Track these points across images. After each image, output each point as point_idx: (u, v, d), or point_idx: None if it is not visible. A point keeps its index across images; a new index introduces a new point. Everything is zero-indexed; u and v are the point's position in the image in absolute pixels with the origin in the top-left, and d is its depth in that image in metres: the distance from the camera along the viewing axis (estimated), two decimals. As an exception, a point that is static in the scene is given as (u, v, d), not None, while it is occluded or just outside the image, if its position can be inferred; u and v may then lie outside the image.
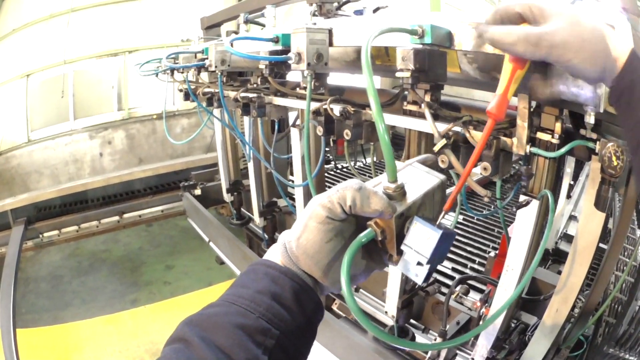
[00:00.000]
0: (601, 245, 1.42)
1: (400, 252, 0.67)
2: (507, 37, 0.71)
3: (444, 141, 1.05)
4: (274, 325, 0.60)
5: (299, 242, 0.65)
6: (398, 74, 1.16)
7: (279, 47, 1.67)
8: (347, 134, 1.58)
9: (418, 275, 0.66)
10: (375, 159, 1.79)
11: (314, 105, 1.62)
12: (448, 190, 0.77)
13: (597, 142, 1.08)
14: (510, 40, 0.71)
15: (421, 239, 0.65)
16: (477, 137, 1.18)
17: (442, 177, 0.75)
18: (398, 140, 4.90)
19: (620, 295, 2.40)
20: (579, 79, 0.75)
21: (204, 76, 2.82)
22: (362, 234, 0.64)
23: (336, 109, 1.56)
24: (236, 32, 2.68)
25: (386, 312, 1.90)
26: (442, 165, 1.19)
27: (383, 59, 1.48)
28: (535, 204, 1.31)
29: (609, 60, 0.71)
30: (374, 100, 0.65)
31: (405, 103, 1.42)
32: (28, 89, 6.23)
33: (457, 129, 1.20)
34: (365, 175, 4.28)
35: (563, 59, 0.70)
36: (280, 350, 0.61)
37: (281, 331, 0.61)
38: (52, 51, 6.24)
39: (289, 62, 1.53)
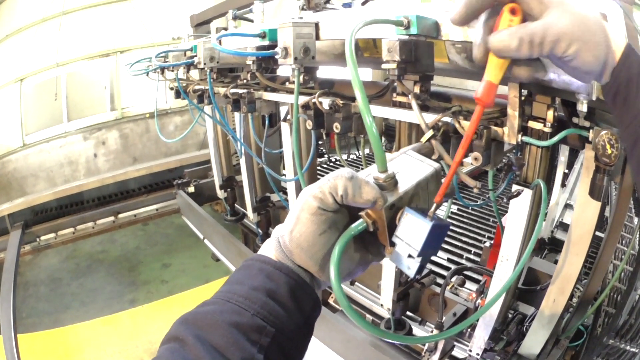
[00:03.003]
0: (598, 233, 1.41)
1: (393, 244, 0.65)
2: (511, 43, 0.63)
3: (431, 132, 1.03)
4: (269, 323, 0.59)
5: (292, 236, 0.64)
6: (384, 66, 1.14)
7: (266, 43, 1.65)
8: (336, 127, 1.56)
9: (410, 268, 0.65)
10: (367, 151, 1.77)
11: (303, 99, 1.60)
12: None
13: (591, 131, 1.07)
14: (514, 45, 0.63)
15: (412, 230, 0.63)
16: (467, 127, 1.16)
17: (436, 165, 0.73)
18: (391, 132, 4.87)
19: (619, 284, 2.40)
20: (579, 74, 0.70)
21: (194, 74, 2.79)
22: (353, 225, 0.62)
23: (325, 103, 1.54)
24: (225, 29, 2.65)
25: (382, 304, 1.89)
26: (433, 157, 1.17)
27: (371, 51, 1.46)
28: (528, 194, 1.29)
29: (610, 54, 0.66)
30: (359, 93, 0.64)
31: (394, 95, 1.40)
32: (22, 93, 6.23)
33: (447, 119, 1.18)
34: (358, 167, 4.26)
35: (568, 52, 0.64)
36: (276, 348, 0.60)
37: (277, 329, 0.60)
38: (44, 54, 6.23)
39: (276, 57, 1.52)
